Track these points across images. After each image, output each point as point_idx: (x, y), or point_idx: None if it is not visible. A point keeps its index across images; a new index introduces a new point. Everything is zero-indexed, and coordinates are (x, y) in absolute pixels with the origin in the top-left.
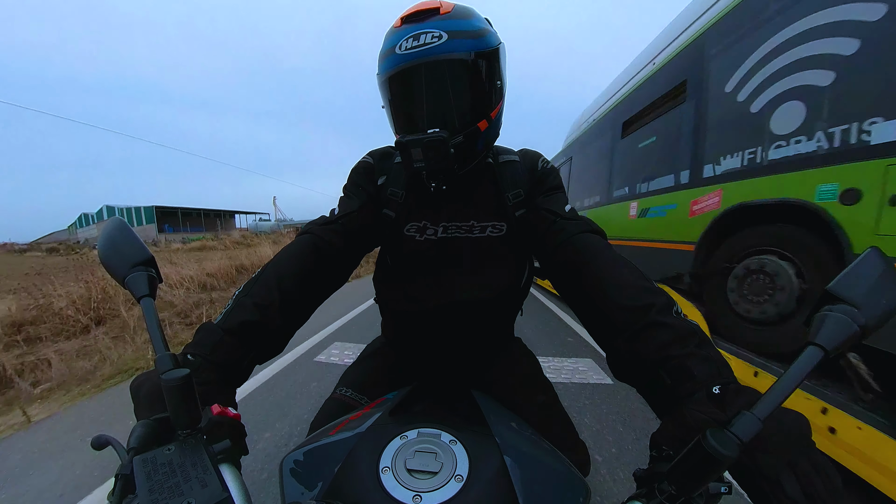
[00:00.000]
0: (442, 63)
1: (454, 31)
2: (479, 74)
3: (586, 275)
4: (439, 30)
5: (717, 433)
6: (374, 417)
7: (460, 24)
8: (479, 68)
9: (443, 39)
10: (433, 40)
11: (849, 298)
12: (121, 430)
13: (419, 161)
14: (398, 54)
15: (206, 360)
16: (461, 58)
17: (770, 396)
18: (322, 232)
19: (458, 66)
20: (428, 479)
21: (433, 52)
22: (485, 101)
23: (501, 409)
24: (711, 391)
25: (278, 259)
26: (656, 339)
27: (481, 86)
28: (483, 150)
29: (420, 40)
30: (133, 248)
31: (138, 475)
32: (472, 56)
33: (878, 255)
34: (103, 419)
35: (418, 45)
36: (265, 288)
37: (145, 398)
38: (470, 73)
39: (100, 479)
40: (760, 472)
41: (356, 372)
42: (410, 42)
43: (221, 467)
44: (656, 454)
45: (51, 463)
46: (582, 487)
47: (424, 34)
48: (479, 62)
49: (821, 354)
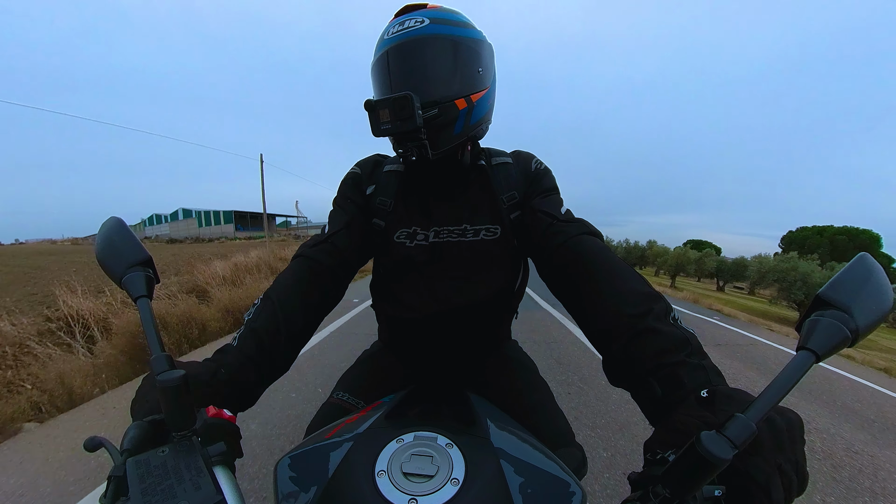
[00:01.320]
0: (419, 39)
1: (436, 17)
2: (455, 53)
3: (584, 278)
4: (424, 17)
5: (710, 436)
6: (371, 420)
7: (442, 14)
8: (455, 47)
9: (425, 23)
10: (416, 24)
11: (839, 303)
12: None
13: (386, 122)
14: (385, 40)
15: (230, 377)
16: (437, 35)
17: (762, 399)
18: (313, 253)
19: (434, 41)
20: (424, 483)
21: (415, 32)
22: (462, 81)
23: (497, 412)
24: (700, 395)
25: (277, 285)
26: (650, 345)
27: (458, 64)
28: (461, 134)
29: (404, 25)
30: (131, 248)
31: (131, 477)
32: (450, 37)
33: (868, 261)
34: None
35: (402, 30)
36: (270, 315)
37: (140, 399)
38: (446, 50)
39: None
40: (750, 476)
41: (353, 376)
42: (395, 28)
43: (216, 469)
44: (651, 457)
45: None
46: (578, 493)
47: (409, 20)
48: (457, 42)
49: (812, 359)
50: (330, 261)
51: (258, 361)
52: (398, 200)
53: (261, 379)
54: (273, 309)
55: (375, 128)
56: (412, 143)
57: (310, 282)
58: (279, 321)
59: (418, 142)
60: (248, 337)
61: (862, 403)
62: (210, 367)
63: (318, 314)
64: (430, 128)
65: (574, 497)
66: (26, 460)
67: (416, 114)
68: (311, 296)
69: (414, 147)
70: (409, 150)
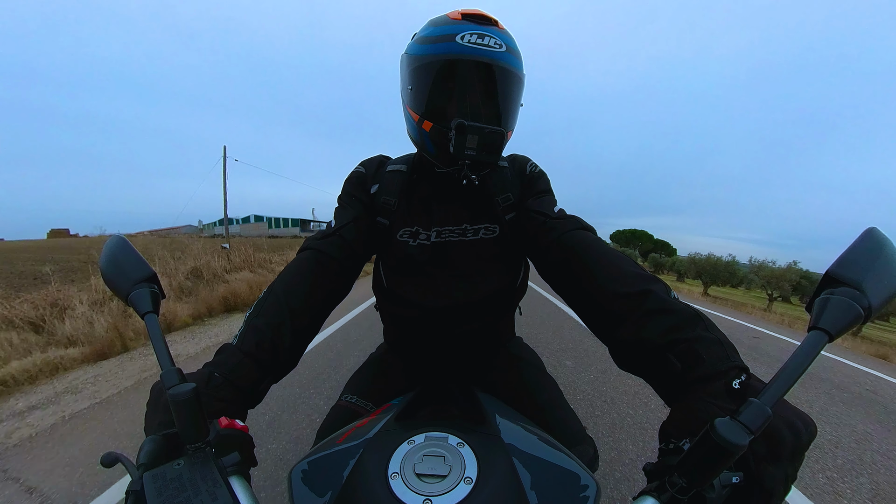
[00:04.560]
0: (505, 70)
1: (510, 46)
2: (519, 91)
3: (580, 270)
4: (501, 39)
5: (724, 423)
6: (381, 424)
7: (513, 43)
8: (520, 86)
9: (503, 49)
10: (496, 46)
11: (850, 280)
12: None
13: (471, 148)
14: (460, 44)
15: (227, 379)
16: (516, 71)
17: (776, 384)
18: (322, 246)
19: (513, 77)
20: (437, 483)
21: (497, 56)
22: (515, 115)
23: (507, 409)
24: (731, 386)
25: (283, 277)
26: (661, 323)
27: (517, 100)
28: (498, 159)
29: (484, 41)
30: (135, 265)
31: (149, 491)
32: (518, 73)
33: (877, 235)
34: None
35: (483, 45)
36: (274, 308)
37: (153, 414)
38: (517, 87)
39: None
40: (761, 483)
41: (360, 378)
42: (475, 38)
43: (231, 479)
44: (665, 447)
45: None
46: (592, 486)
47: (489, 37)
48: (521, 80)
49: (825, 338)
50: (339, 253)
51: (258, 358)
52: (402, 200)
53: (262, 376)
54: (277, 303)
55: (459, 150)
56: (478, 170)
57: (318, 274)
58: (284, 315)
59: (482, 170)
60: (248, 334)
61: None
62: (205, 374)
63: (325, 307)
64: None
65: (588, 490)
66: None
67: (501, 149)
68: (318, 289)
69: (470, 171)
70: (467, 175)
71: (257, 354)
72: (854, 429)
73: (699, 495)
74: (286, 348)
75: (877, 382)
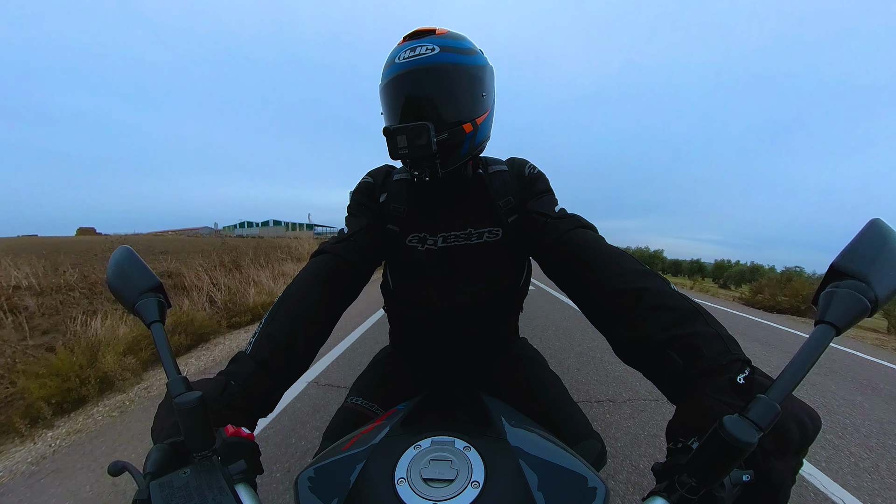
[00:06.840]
0: (435, 68)
1: (445, 45)
2: (463, 81)
3: (581, 267)
4: (433, 44)
5: (733, 420)
6: (387, 429)
7: (451, 42)
8: (463, 76)
9: (435, 51)
10: (426, 52)
11: (855, 272)
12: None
13: (403, 148)
14: (396, 63)
15: (242, 388)
16: (448, 65)
17: (784, 379)
18: (338, 250)
19: (444, 71)
20: (444, 488)
21: (425, 60)
22: (469, 106)
23: (512, 411)
24: (736, 381)
25: (298, 282)
26: (660, 320)
27: (465, 92)
28: (467, 154)
29: (415, 52)
30: (141, 274)
31: (156, 500)
32: (459, 66)
33: (881, 226)
34: None
35: (413, 56)
36: (288, 314)
37: (160, 422)
38: (455, 78)
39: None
40: (769, 479)
41: (366, 380)
42: (407, 53)
43: (237, 488)
44: (673, 446)
45: None
46: (600, 487)
47: (420, 47)
48: (465, 71)
49: (832, 332)
50: (353, 257)
51: (272, 367)
52: (409, 207)
53: (276, 385)
54: (292, 310)
55: (393, 152)
56: (425, 164)
57: (332, 278)
58: (298, 321)
59: (431, 163)
60: (262, 342)
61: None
62: (221, 382)
63: (337, 311)
64: (441, 150)
65: (595, 491)
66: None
67: (431, 141)
68: (332, 292)
69: (427, 168)
70: (423, 171)
71: (271, 365)
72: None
73: (709, 494)
74: (299, 356)
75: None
